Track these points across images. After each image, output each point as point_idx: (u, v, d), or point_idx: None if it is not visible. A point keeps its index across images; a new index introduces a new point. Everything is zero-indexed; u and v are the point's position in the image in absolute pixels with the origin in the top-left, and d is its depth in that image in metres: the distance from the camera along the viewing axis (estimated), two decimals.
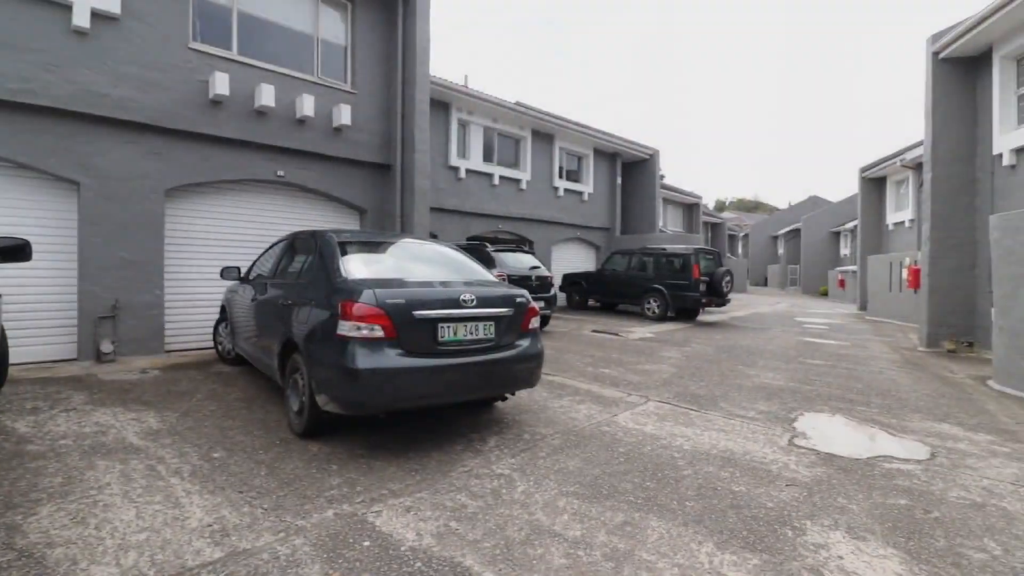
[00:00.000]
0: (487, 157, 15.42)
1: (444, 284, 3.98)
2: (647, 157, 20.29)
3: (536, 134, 16.79)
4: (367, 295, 3.40)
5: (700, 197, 30.08)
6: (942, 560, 2.55)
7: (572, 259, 18.76)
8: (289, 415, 4.04)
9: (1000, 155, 9.05)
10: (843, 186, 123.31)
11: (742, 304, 21.80)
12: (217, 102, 7.21)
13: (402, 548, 2.46)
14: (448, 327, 3.63)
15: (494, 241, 15.06)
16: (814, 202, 48.81)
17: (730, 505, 3.09)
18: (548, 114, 16.30)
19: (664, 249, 14.73)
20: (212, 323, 7.27)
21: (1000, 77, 9.01)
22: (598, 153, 19.15)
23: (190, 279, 7.37)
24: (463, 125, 14.77)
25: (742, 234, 50.92)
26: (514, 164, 16.42)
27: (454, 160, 14.18)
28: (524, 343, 4.08)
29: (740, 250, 49.73)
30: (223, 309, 6.48)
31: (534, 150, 16.75)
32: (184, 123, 6.93)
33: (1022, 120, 8.77)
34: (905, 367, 8.21)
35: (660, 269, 14.44)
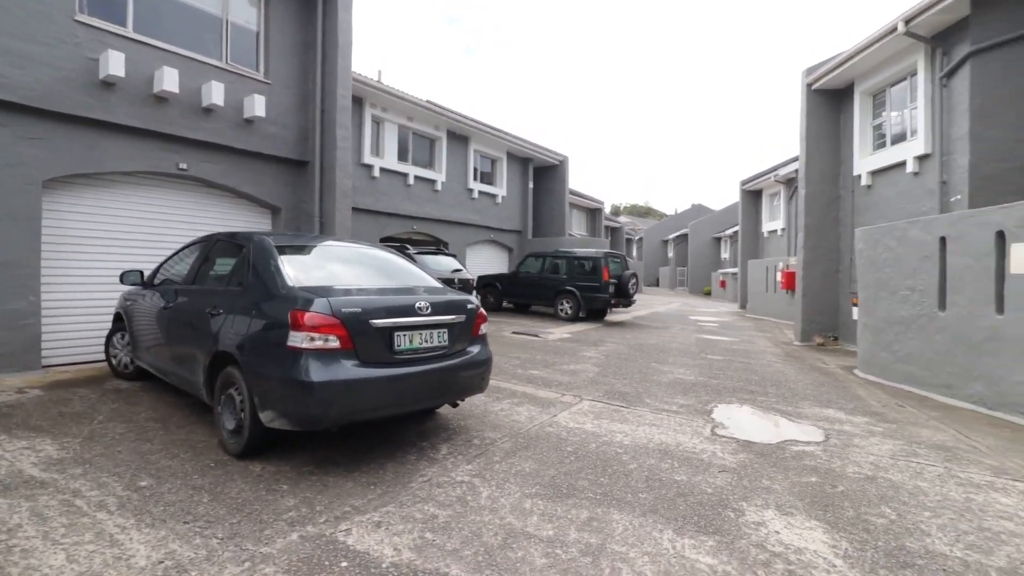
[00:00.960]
0: (402, 156, 15.11)
1: (397, 291, 3.90)
2: (557, 163, 21.01)
3: (451, 135, 16.73)
4: (321, 304, 3.24)
5: (602, 203, 31.67)
6: (854, 527, 2.98)
7: (485, 261, 18.94)
8: (222, 434, 3.72)
9: (859, 176, 10.58)
10: (724, 196, 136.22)
11: (641, 304, 23.26)
12: (109, 84, 6.37)
13: (383, 565, 2.40)
14: (404, 335, 3.56)
15: (411, 243, 14.80)
16: (698, 210, 53.25)
17: (677, 494, 3.36)
18: (464, 116, 16.32)
19: (576, 252, 15.35)
20: (100, 333, 6.43)
21: (860, 109, 10.53)
22: (511, 157, 19.50)
23: (73, 283, 6.45)
24: (377, 122, 14.35)
25: (637, 238, 54.36)
26: (429, 164, 16.24)
27: (368, 158, 13.72)
28: (475, 349, 4.10)
29: (635, 253, 53.03)
30: (118, 318, 5.77)
31: (449, 151, 16.68)
32: (68, 105, 6.04)
33: (877, 147, 10.33)
34: (787, 360, 9.32)
35: (572, 272, 15.03)
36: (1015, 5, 7.44)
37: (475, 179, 17.91)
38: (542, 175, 21.37)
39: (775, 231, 22.26)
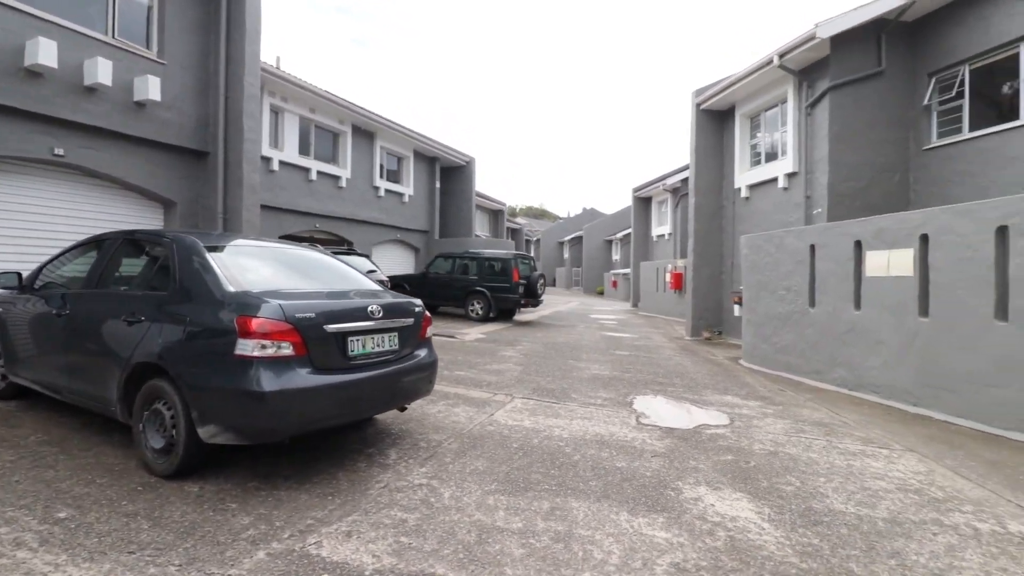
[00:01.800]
0: (304, 150, 14.32)
1: (344, 295, 3.78)
2: (464, 164, 21.12)
3: (357, 130, 16.16)
4: (272, 309, 3.07)
5: (505, 204, 32.34)
6: (770, 495, 3.46)
7: (392, 261, 18.52)
8: (145, 455, 3.37)
9: (739, 189, 11.93)
10: (615, 201, 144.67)
11: (544, 303, 24.11)
12: None
13: (366, 573, 2.38)
14: (357, 340, 3.48)
15: (321, 243, 14.06)
16: (591, 214, 56.07)
17: (622, 479, 3.65)
18: (370, 111, 15.84)
19: (486, 254, 15.57)
20: None
21: (740, 129, 11.88)
22: (418, 156, 19.26)
23: None
24: (276, 112, 13.48)
25: (535, 239, 56.10)
26: (333, 160, 15.56)
27: (267, 150, 12.84)
28: (422, 352, 4.11)
29: (533, 254, 54.70)
30: None
31: (355, 147, 16.10)
32: None
33: (754, 164, 11.72)
34: (684, 353, 10.27)
35: (483, 272, 15.23)
36: (864, 50, 8.89)
37: (381, 177, 17.46)
38: (449, 175, 21.35)
39: (663, 235, 24.21)
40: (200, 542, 2.57)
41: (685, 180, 20.29)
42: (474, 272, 15.43)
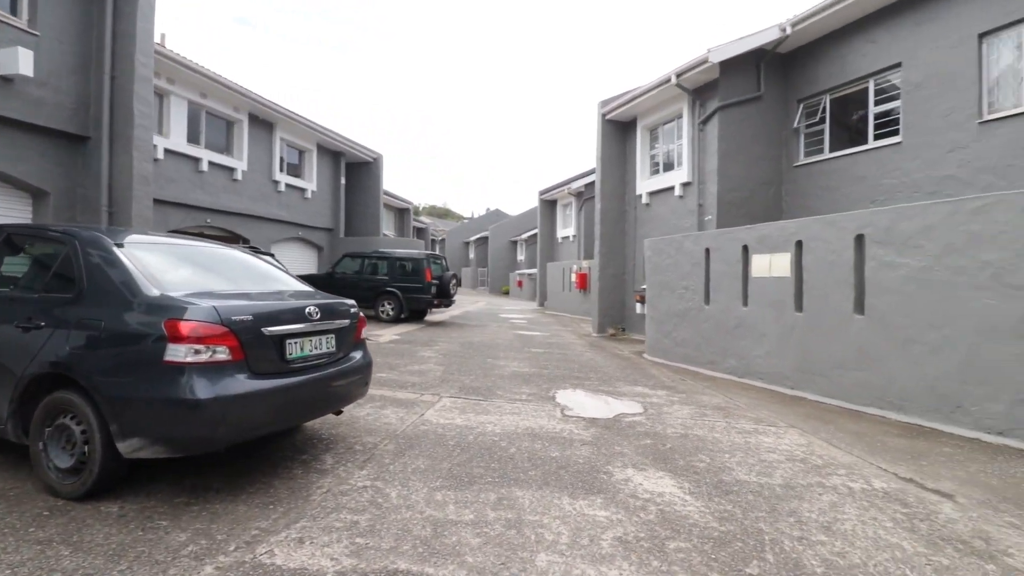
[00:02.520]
0: (193, 138, 13.13)
1: (280, 296, 3.62)
2: (371, 160, 20.51)
3: (254, 120, 15.11)
4: (206, 312, 2.89)
5: (412, 203, 31.83)
6: (687, 472, 3.87)
7: (293, 260, 17.51)
8: (48, 476, 3.00)
9: (640, 195, 12.85)
10: (521, 202, 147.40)
11: (454, 304, 24.13)
12: None
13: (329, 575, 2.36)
14: (295, 343, 3.36)
15: (209, 239, 12.93)
16: (496, 215, 56.88)
17: (558, 467, 3.88)
18: (269, 100, 14.87)
19: (397, 253, 15.30)
20: None
21: (641, 140, 12.79)
22: (322, 150, 18.40)
23: None
24: (161, 95, 12.21)
25: (440, 239, 55.82)
26: (227, 150, 14.42)
27: None
28: (358, 354, 4.05)
29: (439, 253, 54.34)
30: None
31: (252, 137, 15.04)
32: None
33: (653, 173, 12.68)
34: (593, 349, 10.88)
35: (393, 272, 14.96)
36: (747, 75, 10.00)
37: (282, 170, 16.47)
38: (355, 172, 20.63)
39: (568, 237, 25.25)
40: (136, 563, 2.38)
41: (589, 184, 21.37)
42: (384, 272, 15.12)
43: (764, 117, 10.20)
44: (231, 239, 14.73)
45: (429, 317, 16.85)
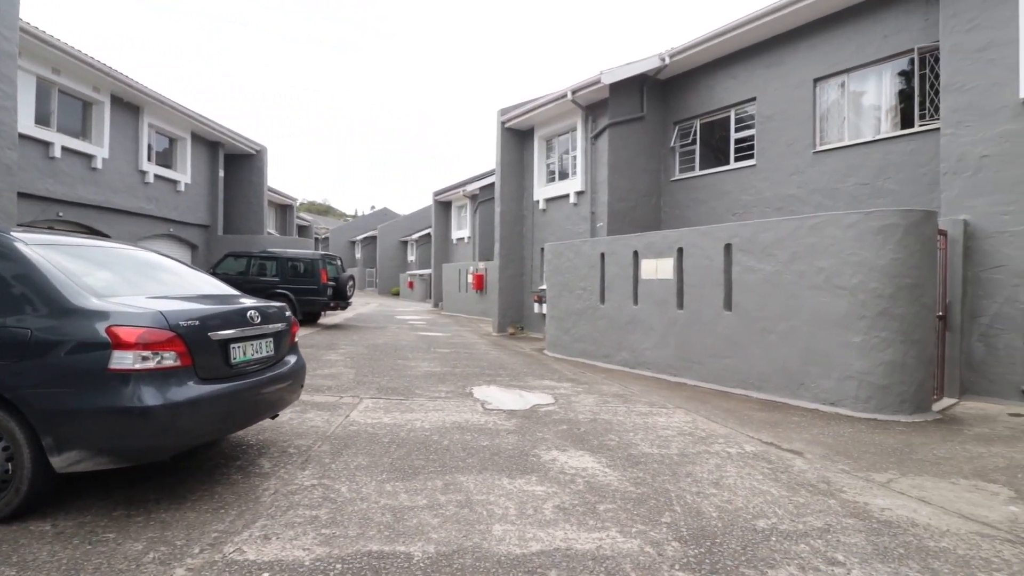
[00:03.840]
0: (43, 120, 11.47)
1: (219, 299, 3.54)
2: (254, 152, 19.20)
3: (118, 102, 13.50)
4: (152, 316, 2.81)
5: (295, 199, 30.08)
6: (602, 449, 4.45)
7: None
8: None
9: (538, 201, 13.62)
10: (411, 202, 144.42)
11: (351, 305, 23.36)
12: None
13: (306, 563, 2.49)
14: (239, 347, 3.35)
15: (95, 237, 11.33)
16: (385, 213, 55.54)
17: (491, 454, 4.25)
18: (134, 80, 13.36)
19: (289, 253, 14.60)
20: None
21: (538, 149, 13.57)
22: (198, 139, 16.88)
23: None
24: None
25: (323, 237, 53.32)
26: (84, 135, 12.75)
27: None
28: (293, 358, 4.06)
29: (334, 253, 51.83)
30: None
31: (114, 122, 13.43)
32: None
33: (549, 180, 13.51)
34: (497, 347, 11.38)
35: (285, 274, 14.28)
36: (633, 97, 11.12)
37: (150, 160, 14.88)
38: (236, 164, 19.16)
39: (463, 238, 25.64)
40: (98, 573, 2.32)
41: (485, 188, 21.95)
42: (273, 273, 14.38)
43: (647, 135, 11.42)
44: (88, 234, 13.03)
45: (323, 320, 16.27)
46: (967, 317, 6.65)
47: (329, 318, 17.01)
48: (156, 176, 14.99)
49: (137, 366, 2.73)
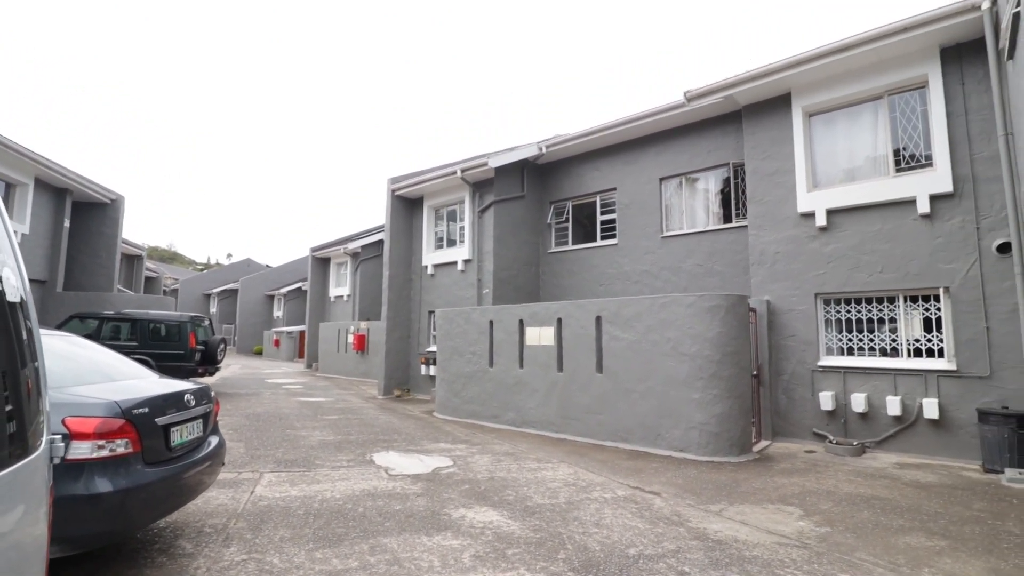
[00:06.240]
0: None
1: (153, 383, 3.67)
2: (108, 201, 17.52)
3: None
4: (108, 406, 2.98)
5: (144, 248, 27.32)
6: (503, 504, 5.10)
7: None
8: None
9: (426, 266, 14.33)
10: (281, 254, 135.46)
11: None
12: None
13: None
14: (178, 430, 3.53)
15: None
16: (248, 264, 52.04)
17: (405, 516, 4.69)
18: None
19: (151, 315, 13.47)
20: None
21: (427, 218, 14.41)
22: (42, 186, 15.10)
23: None
24: None
25: (172, 288, 48.42)
26: None
27: None
28: (216, 438, 4.22)
29: (173, 305, 46.68)
30: None
31: None
32: None
33: (437, 247, 14.34)
34: (386, 411, 11.53)
35: (144, 337, 13.13)
36: (515, 178, 12.54)
37: None
38: (87, 214, 17.29)
39: (342, 296, 25.21)
40: None
41: (367, 246, 22.12)
42: (129, 336, 13.15)
43: (527, 212, 12.86)
44: None
45: None
46: (773, 375, 8.55)
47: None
48: None
49: (94, 455, 2.89)
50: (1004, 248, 6.85)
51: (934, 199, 7.44)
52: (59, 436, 2.81)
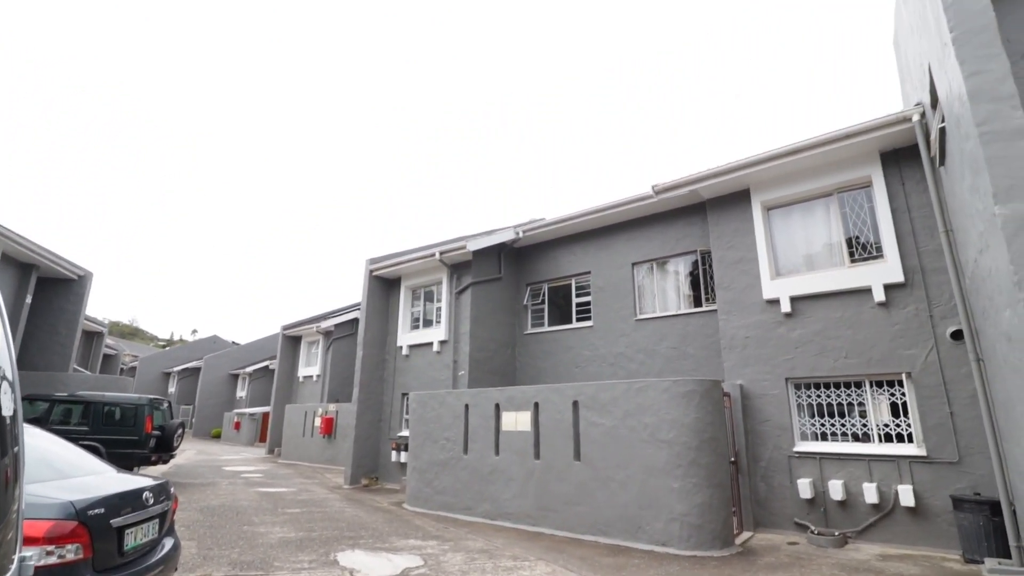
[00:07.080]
0: None
1: (109, 479, 3.43)
2: (75, 278, 17.09)
3: None
4: (62, 507, 2.76)
5: (105, 325, 26.34)
6: None
7: None
8: None
9: (401, 347, 14.16)
10: (250, 331, 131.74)
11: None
12: None
13: None
14: (131, 532, 3.26)
15: None
16: (214, 342, 50.38)
17: None
18: None
19: (106, 397, 12.75)
20: None
21: (403, 298, 14.45)
22: (8, 260, 14.71)
23: None
24: None
25: (130, 366, 46.38)
26: None
27: None
28: (171, 539, 3.90)
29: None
30: None
31: None
32: None
33: (413, 327, 14.27)
34: (352, 504, 10.87)
35: (97, 421, 12.36)
36: (492, 261, 12.82)
37: None
38: (50, 290, 16.77)
39: (312, 376, 24.42)
40: None
41: (339, 324, 21.83)
42: (80, 419, 12.36)
43: (504, 293, 13.04)
44: None
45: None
46: (751, 461, 8.48)
47: (145, 472, 14.54)
48: None
49: (40, 562, 2.64)
50: (957, 335, 7.22)
51: (888, 288, 7.89)
52: (31, 555, 2.62)
